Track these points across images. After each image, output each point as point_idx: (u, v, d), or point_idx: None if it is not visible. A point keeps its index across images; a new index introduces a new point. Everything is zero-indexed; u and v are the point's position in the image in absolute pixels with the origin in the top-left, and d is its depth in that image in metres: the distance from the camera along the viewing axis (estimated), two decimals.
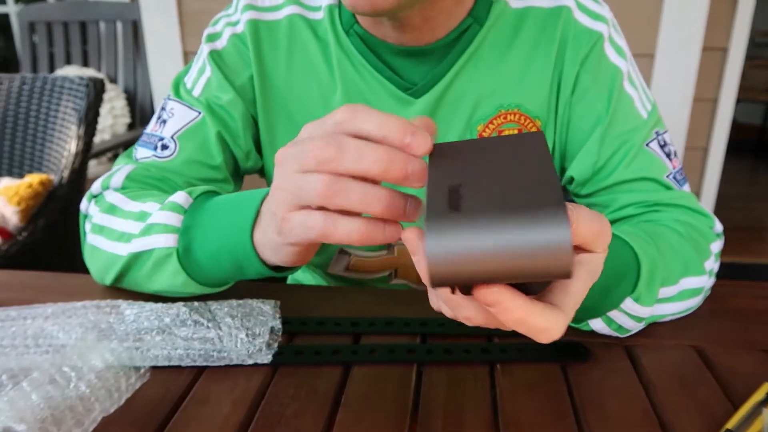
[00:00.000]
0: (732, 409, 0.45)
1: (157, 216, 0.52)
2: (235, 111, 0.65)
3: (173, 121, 0.65)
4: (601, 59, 0.63)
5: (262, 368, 0.49)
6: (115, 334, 0.52)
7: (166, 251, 0.51)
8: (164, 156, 0.64)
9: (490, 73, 0.64)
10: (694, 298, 0.57)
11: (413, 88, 0.63)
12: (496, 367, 0.50)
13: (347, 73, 0.64)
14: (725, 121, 2.00)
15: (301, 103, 0.66)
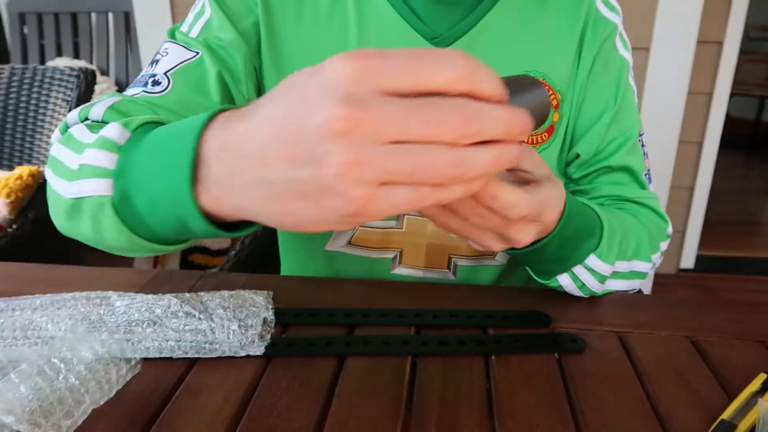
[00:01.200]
0: (727, 399, 0.44)
1: (88, 155, 0.41)
2: (237, 53, 0.60)
3: (167, 59, 0.59)
4: (612, 49, 0.67)
5: (255, 360, 0.49)
6: (105, 325, 0.51)
7: (98, 200, 0.41)
8: (155, 92, 0.55)
9: (518, 34, 0.64)
10: (639, 280, 0.61)
11: (439, 37, 0.62)
12: (491, 359, 0.49)
13: (366, 18, 0.62)
14: (719, 115, 2.01)
15: (314, 54, 0.63)
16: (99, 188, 0.41)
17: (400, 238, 0.68)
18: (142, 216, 0.40)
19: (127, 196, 0.40)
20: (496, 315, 0.55)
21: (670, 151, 1.94)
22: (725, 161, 3.29)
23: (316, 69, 0.28)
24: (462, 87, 0.28)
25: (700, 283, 2.21)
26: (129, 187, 0.39)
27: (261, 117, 0.31)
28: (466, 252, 0.68)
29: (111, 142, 0.41)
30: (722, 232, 2.61)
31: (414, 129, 0.27)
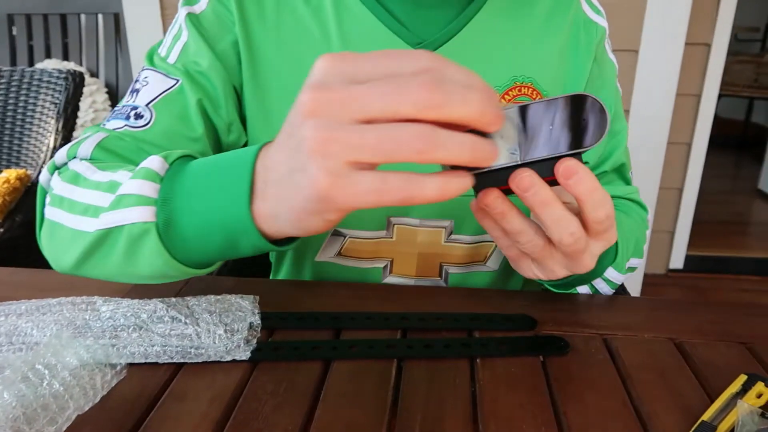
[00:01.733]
0: (708, 401, 0.45)
1: (129, 186, 0.44)
2: (215, 78, 0.60)
3: (147, 89, 0.59)
4: (604, 54, 0.68)
5: (241, 364, 0.49)
6: (90, 331, 0.51)
7: (142, 227, 0.43)
8: (138, 126, 0.56)
9: (504, 39, 0.63)
10: (629, 274, 0.64)
11: (423, 42, 0.60)
12: (476, 362, 0.50)
13: (347, 27, 0.60)
14: (708, 116, 2.03)
15: (296, 69, 0.61)
16: (142, 215, 0.43)
17: (391, 248, 0.67)
18: (189, 239, 0.43)
19: (172, 222, 0.43)
20: (482, 318, 0.55)
21: (659, 152, 1.95)
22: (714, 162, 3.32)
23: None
24: (424, 79, 0.30)
25: (690, 283, 2.23)
26: (175, 213, 0.42)
27: (281, 128, 0.35)
28: (456, 259, 0.68)
29: (154, 173, 0.44)
30: (711, 233, 2.63)
31: (375, 102, 0.29)
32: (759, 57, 4.10)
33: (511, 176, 0.37)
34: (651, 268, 2.20)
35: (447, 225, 0.65)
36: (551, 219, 0.39)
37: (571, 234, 0.39)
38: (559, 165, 0.36)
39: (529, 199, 0.37)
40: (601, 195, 0.38)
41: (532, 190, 0.37)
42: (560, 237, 0.40)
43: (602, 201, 0.39)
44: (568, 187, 0.37)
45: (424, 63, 0.30)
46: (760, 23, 4.35)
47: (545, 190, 0.37)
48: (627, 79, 1.88)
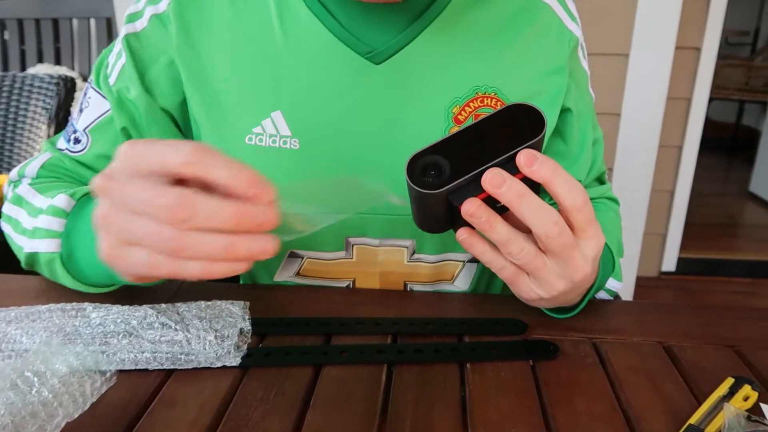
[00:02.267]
0: (696, 404, 0.45)
1: (41, 220, 0.53)
2: (141, 106, 0.61)
3: (88, 111, 0.63)
4: (577, 64, 0.66)
5: (231, 370, 0.49)
6: (80, 337, 0.51)
7: (50, 256, 0.53)
8: (76, 150, 0.63)
9: (464, 47, 0.59)
10: (615, 283, 0.65)
11: (373, 52, 0.57)
12: (466, 366, 0.50)
13: (293, 35, 0.58)
14: (699, 119, 2.04)
15: (245, 75, 0.59)
16: (50, 246, 0.53)
17: (352, 268, 0.65)
18: (84, 270, 0.52)
19: (72, 254, 0.52)
20: (472, 323, 0.56)
21: (651, 155, 1.97)
22: (705, 164, 3.34)
23: None
24: (189, 170, 0.34)
25: (682, 286, 2.24)
26: (73, 248, 0.52)
27: None
28: (422, 278, 0.66)
29: (61, 210, 0.53)
30: (703, 235, 2.65)
31: (140, 205, 0.35)
32: (749, 60, 4.13)
33: (483, 177, 0.39)
34: (643, 270, 2.21)
35: (408, 244, 0.63)
36: (531, 210, 0.39)
37: (555, 223, 0.40)
38: (519, 156, 0.39)
39: (504, 196, 0.39)
40: (567, 176, 0.40)
41: (506, 185, 0.38)
42: (545, 229, 0.40)
43: (572, 182, 0.40)
44: (533, 174, 0.39)
45: (187, 155, 0.34)
46: (750, 27, 4.38)
47: (517, 184, 0.39)
48: (618, 83, 1.89)
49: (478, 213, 0.40)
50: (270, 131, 0.59)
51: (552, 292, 0.45)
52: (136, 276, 0.40)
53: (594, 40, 1.86)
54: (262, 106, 0.59)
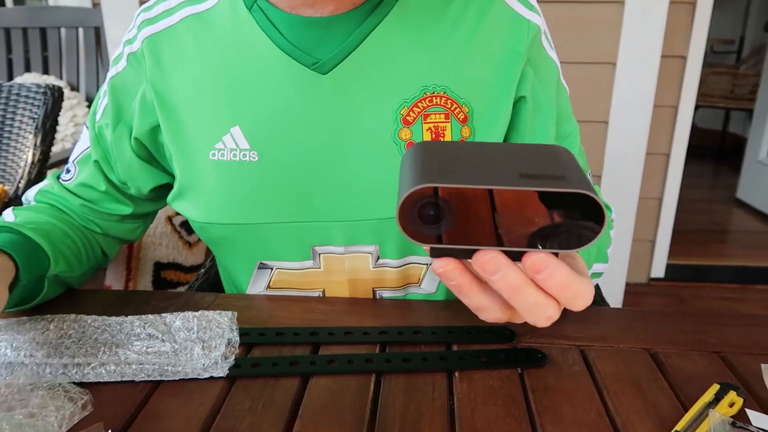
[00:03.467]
0: (682, 410, 0.46)
1: None
2: (114, 146, 0.66)
3: (79, 144, 0.70)
4: (541, 52, 0.63)
5: (219, 381, 0.49)
6: (66, 349, 0.50)
7: None
8: (66, 179, 0.70)
9: (410, 49, 0.60)
10: (595, 280, 0.63)
11: (319, 62, 0.59)
12: (454, 375, 0.50)
13: (252, 59, 0.61)
14: (685, 126, 2.06)
15: (209, 103, 0.62)
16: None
17: (321, 278, 0.66)
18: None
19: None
20: (460, 331, 0.56)
21: (638, 162, 1.98)
22: (693, 171, 3.38)
23: None
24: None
25: (671, 292, 2.25)
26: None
27: None
28: (389, 283, 0.66)
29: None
30: (691, 241, 2.67)
31: None
32: (735, 68, 4.19)
33: (475, 256, 0.31)
34: (632, 277, 2.22)
35: (372, 250, 0.63)
36: (523, 306, 0.33)
37: (548, 318, 0.33)
38: (526, 259, 0.31)
39: (496, 284, 0.32)
40: (578, 288, 0.32)
41: (499, 274, 0.31)
42: (535, 322, 0.34)
43: (580, 294, 0.32)
44: (537, 282, 0.32)
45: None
46: (735, 35, 4.44)
47: (514, 274, 0.31)
48: (605, 92, 1.91)
49: (450, 275, 0.33)
50: (230, 146, 0.62)
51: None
52: None
53: (582, 49, 1.88)
54: (222, 123, 0.62)
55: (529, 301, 0.32)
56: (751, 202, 3.17)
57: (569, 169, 0.31)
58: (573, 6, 1.83)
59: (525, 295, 0.32)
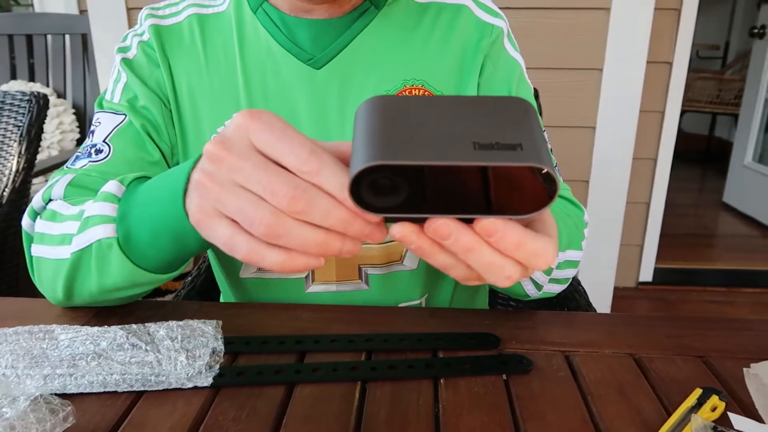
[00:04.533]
0: (666, 415, 0.46)
1: (91, 208, 0.51)
2: (153, 108, 0.67)
3: (101, 128, 0.66)
4: (501, 51, 0.71)
5: (203, 391, 0.48)
6: (48, 360, 0.50)
7: (106, 242, 0.49)
8: (99, 159, 0.63)
9: (393, 48, 0.68)
10: (573, 269, 0.64)
11: (314, 58, 0.67)
12: (439, 382, 0.50)
13: (254, 54, 0.68)
14: (671, 131, 2.08)
15: (214, 91, 0.68)
16: (106, 231, 0.49)
17: None
18: (145, 248, 0.49)
19: (130, 234, 0.49)
20: (446, 338, 0.56)
21: (626, 167, 2.00)
22: (680, 176, 3.41)
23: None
24: (302, 175, 0.33)
25: (659, 296, 2.26)
26: (132, 227, 0.49)
27: None
28: (374, 260, 0.70)
29: (111, 195, 0.51)
30: (679, 245, 2.69)
31: (252, 183, 0.34)
32: (720, 73, 4.23)
33: (426, 224, 0.31)
34: (621, 281, 2.23)
35: None
36: (480, 265, 0.33)
37: (508, 277, 0.33)
38: (476, 223, 0.31)
39: (451, 248, 0.32)
40: (534, 246, 0.32)
41: (451, 238, 0.32)
42: (496, 281, 0.34)
43: (538, 252, 0.32)
44: (491, 244, 0.32)
45: (309, 167, 0.33)
46: (720, 41, 4.50)
47: (467, 236, 0.31)
48: (592, 97, 1.92)
49: (408, 239, 0.33)
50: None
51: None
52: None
53: (569, 55, 1.90)
54: (224, 111, 0.67)
55: (485, 261, 0.32)
56: (737, 205, 3.20)
57: (525, 133, 0.31)
58: (559, 12, 1.85)
59: (480, 255, 0.32)
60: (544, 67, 1.89)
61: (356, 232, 0.34)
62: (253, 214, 0.34)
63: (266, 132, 0.34)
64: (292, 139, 0.33)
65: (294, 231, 0.33)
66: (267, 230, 0.33)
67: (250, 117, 0.34)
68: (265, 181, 0.33)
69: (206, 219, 0.36)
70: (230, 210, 0.35)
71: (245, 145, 0.34)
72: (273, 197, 0.33)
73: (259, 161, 0.34)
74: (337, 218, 0.33)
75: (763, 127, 3.00)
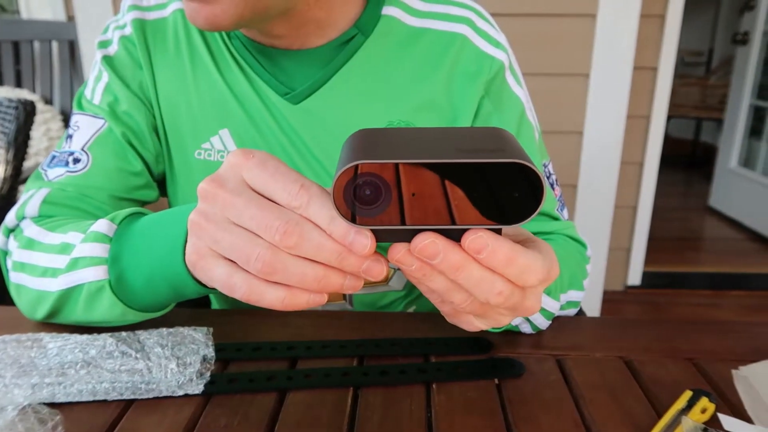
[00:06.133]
0: (656, 417, 0.46)
1: (82, 249, 0.50)
2: (136, 114, 0.64)
3: (80, 133, 0.63)
4: (503, 88, 0.64)
5: (194, 399, 0.48)
6: (36, 369, 0.49)
7: (97, 284, 0.49)
8: (78, 170, 0.61)
9: (378, 86, 0.62)
10: (574, 309, 0.62)
11: (291, 93, 0.62)
12: (432, 387, 0.50)
13: (235, 76, 0.63)
14: (658, 136, 2.10)
15: (197, 104, 0.64)
16: (96, 275, 0.49)
17: None
18: (139, 292, 0.48)
19: (123, 277, 0.48)
20: (438, 342, 0.56)
21: (613, 172, 2.01)
22: (666, 180, 3.44)
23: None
24: (293, 209, 0.33)
25: (647, 299, 2.28)
26: (125, 270, 0.48)
27: None
28: None
29: (103, 235, 0.49)
30: (666, 249, 2.72)
31: (245, 219, 0.33)
32: (704, 79, 4.29)
33: (413, 242, 0.31)
34: (609, 285, 2.25)
35: None
36: (470, 283, 0.32)
37: (499, 293, 0.32)
38: (464, 240, 0.30)
39: (439, 267, 0.31)
40: (524, 261, 0.31)
41: (439, 257, 0.31)
42: (487, 299, 0.33)
43: (527, 267, 0.32)
44: (480, 262, 0.31)
45: (299, 201, 0.32)
46: (704, 47, 4.56)
47: (454, 254, 0.31)
48: (579, 103, 1.94)
49: (406, 261, 0.32)
50: (218, 147, 0.63)
51: (497, 325, 0.38)
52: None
53: (556, 61, 1.91)
54: (210, 125, 0.64)
55: (475, 278, 0.32)
56: (722, 209, 3.24)
57: (508, 144, 0.31)
58: (547, 19, 1.87)
59: (469, 272, 0.31)
60: (532, 73, 1.91)
61: (352, 267, 0.33)
62: (248, 250, 0.33)
63: (258, 169, 0.34)
64: (284, 176, 0.33)
65: (291, 266, 0.33)
66: (264, 266, 0.33)
67: (243, 156, 0.34)
68: (258, 216, 0.33)
69: (202, 260, 0.36)
70: (226, 248, 0.34)
71: (238, 182, 0.34)
72: (266, 232, 0.32)
73: (251, 197, 0.33)
74: (330, 251, 0.32)
75: (747, 132, 3.04)
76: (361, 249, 0.31)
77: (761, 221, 2.91)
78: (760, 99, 2.96)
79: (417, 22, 0.63)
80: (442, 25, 0.63)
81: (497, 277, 0.32)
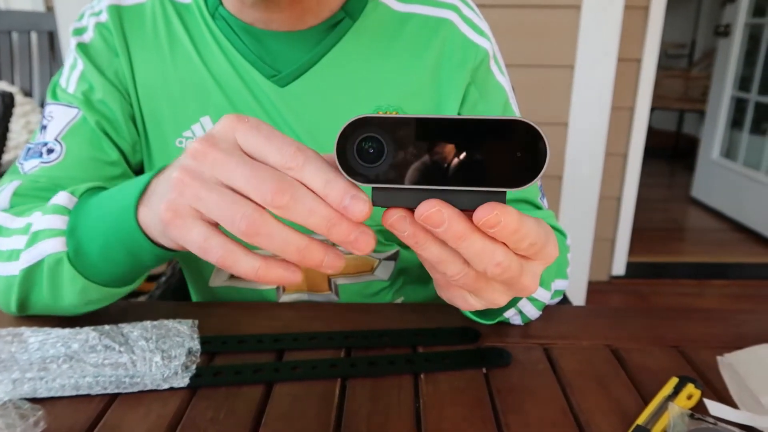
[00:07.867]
0: (643, 404, 0.46)
1: (40, 222, 0.48)
2: (112, 102, 0.62)
3: (54, 123, 0.61)
4: (488, 77, 0.65)
5: (179, 392, 0.47)
6: (17, 364, 0.48)
7: (56, 257, 0.47)
8: (51, 160, 0.59)
9: (366, 69, 0.62)
10: (558, 298, 0.62)
11: (278, 75, 0.61)
12: (420, 377, 0.50)
13: (217, 60, 0.62)
14: (641, 127, 2.11)
15: (177, 92, 0.63)
16: (55, 246, 0.47)
17: None
18: (97, 262, 0.47)
19: (81, 248, 0.47)
20: (426, 333, 0.56)
21: (598, 162, 2.03)
22: (649, 171, 3.47)
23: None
24: (287, 171, 0.32)
25: (632, 289, 2.31)
26: (82, 240, 0.47)
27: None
28: (342, 270, 0.67)
29: (62, 207, 0.49)
30: (648, 239, 2.75)
31: (236, 178, 0.32)
32: (687, 71, 4.33)
33: (418, 209, 0.30)
34: (594, 275, 2.27)
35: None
36: (470, 253, 0.32)
37: (498, 264, 0.32)
38: (478, 218, 0.30)
39: (440, 236, 0.31)
40: (527, 228, 0.31)
41: (443, 226, 0.30)
42: (485, 269, 0.32)
43: (528, 232, 0.32)
44: (491, 235, 0.31)
45: (294, 162, 0.32)
46: (687, 39, 4.60)
47: (459, 224, 0.30)
48: (564, 94, 1.95)
49: (400, 226, 0.31)
50: (200, 135, 0.62)
51: (492, 305, 0.38)
52: (175, 245, 0.39)
53: (540, 53, 1.92)
54: (191, 112, 0.62)
55: (475, 248, 0.31)
56: (704, 200, 3.28)
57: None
58: (531, 10, 1.87)
59: (471, 242, 0.31)
60: (517, 65, 1.91)
61: (341, 234, 0.32)
62: (234, 209, 0.32)
63: (253, 132, 0.33)
64: (279, 138, 0.33)
65: (275, 231, 0.32)
66: (248, 227, 0.32)
67: (237, 119, 0.34)
68: (250, 175, 0.32)
69: (179, 219, 0.34)
70: (210, 207, 0.33)
71: (231, 144, 0.33)
72: (257, 191, 0.31)
73: (244, 158, 0.33)
74: (321, 216, 0.31)
75: (729, 124, 3.07)
76: (357, 213, 0.31)
77: (742, 212, 2.95)
78: (741, 90, 3.00)
79: (403, 7, 0.63)
80: (428, 10, 0.63)
81: (498, 248, 0.32)
